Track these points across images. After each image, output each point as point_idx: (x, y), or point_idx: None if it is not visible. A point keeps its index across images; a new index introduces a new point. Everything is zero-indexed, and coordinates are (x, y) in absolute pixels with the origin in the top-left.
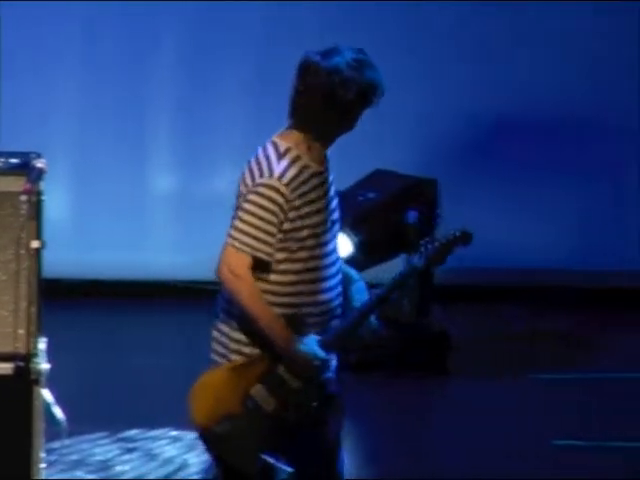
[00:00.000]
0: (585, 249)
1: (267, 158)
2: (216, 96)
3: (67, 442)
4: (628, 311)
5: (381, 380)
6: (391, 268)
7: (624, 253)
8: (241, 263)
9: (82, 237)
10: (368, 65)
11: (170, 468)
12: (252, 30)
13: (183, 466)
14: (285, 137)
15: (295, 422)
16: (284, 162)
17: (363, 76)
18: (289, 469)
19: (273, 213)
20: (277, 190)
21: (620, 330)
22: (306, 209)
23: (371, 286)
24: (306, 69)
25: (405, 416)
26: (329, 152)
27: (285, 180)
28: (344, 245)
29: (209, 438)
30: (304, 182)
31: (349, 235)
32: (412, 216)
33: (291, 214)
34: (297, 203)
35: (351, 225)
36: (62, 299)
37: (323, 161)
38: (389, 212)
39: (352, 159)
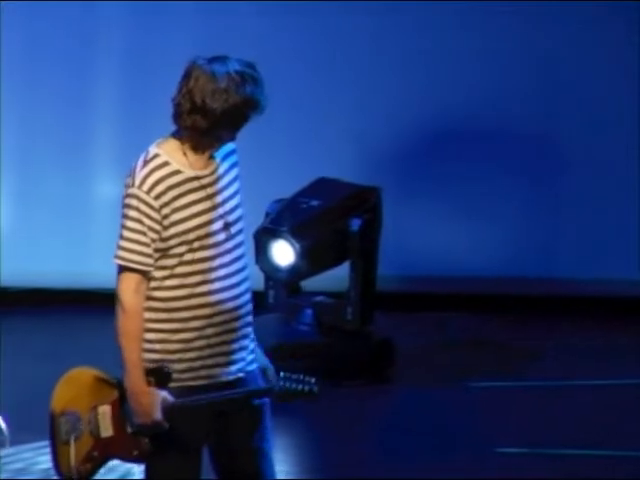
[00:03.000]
0: (528, 257)
1: (135, 167)
2: (158, 101)
3: (10, 450)
4: (571, 318)
5: (322, 388)
6: (333, 276)
7: (567, 260)
8: (127, 283)
9: (25, 246)
10: (251, 80)
11: (114, 476)
12: (196, 36)
13: (126, 474)
14: (162, 143)
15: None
16: (146, 169)
17: (240, 90)
18: None
19: (139, 222)
20: (138, 198)
21: (563, 337)
22: (177, 215)
23: (314, 294)
24: (189, 72)
25: (345, 424)
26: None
27: (145, 187)
28: (285, 253)
29: (50, 425)
30: (171, 187)
31: (291, 243)
32: (355, 224)
33: (164, 222)
34: (166, 211)
35: (294, 232)
36: (5, 307)
37: (206, 165)
38: (332, 220)
39: (295, 167)
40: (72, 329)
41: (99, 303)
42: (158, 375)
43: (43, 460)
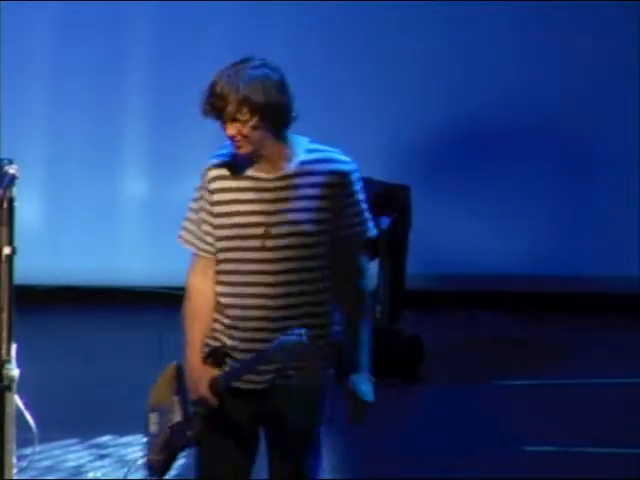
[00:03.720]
0: (555, 254)
1: None
2: (189, 101)
3: (39, 448)
4: (598, 316)
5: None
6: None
7: (596, 258)
8: (190, 263)
9: (54, 243)
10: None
11: (143, 474)
12: (224, 34)
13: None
14: None
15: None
16: (222, 150)
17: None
18: None
19: (195, 200)
20: (201, 177)
21: (591, 335)
22: (219, 208)
23: None
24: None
25: (373, 421)
26: None
27: (207, 169)
28: None
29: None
30: (224, 178)
31: None
32: (384, 222)
33: (214, 208)
34: (215, 198)
35: None
36: (34, 305)
37: (273, 169)
38: None
39: None
40: (101, 326)
41: (128, 300)
42: (215, 356)
43: (72, 458)
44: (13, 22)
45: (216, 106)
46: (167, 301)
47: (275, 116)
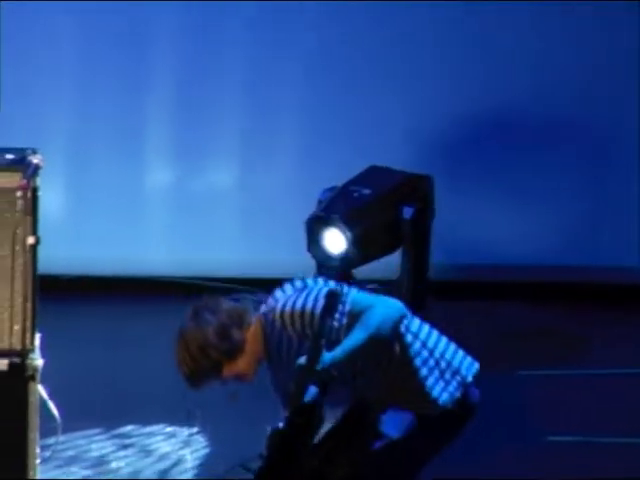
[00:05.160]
0: (580, 244)
1: None
2: (214, 89)
3: (62, 438)
4: (622, 306)
5: None
6: (385, 264)
7: (619, 249)
8: None
9: (77, 233)
10: None
11: (166, 464)
12: (252, 23)
13: (179, 462)
14: None
15: None
16: None
17: None
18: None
19: None
20: None
21: (614, 325)
22: None
23: (365, 282)
24: None
25: None
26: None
27: None
28: (337, 241)
29: None
30: None
31: (343, 231)
32: (407, 212)
33: None
34: None
35: (346, 220)
36: (57, 295)
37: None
38: (384, 208)
39: (347, 155)
40: (124, 316)
41: (151, 290)
42: None
43: (95, 448)
44: (40, 10)
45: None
46: (190, 290)
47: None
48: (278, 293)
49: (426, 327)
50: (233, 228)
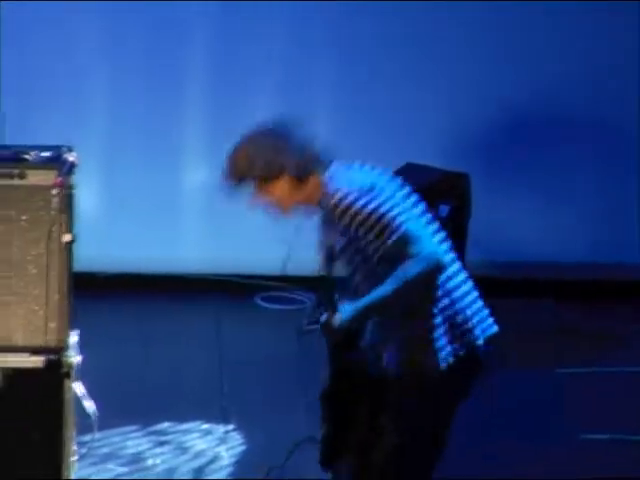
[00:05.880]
0: (614, 242)
1: None
2: (247, 89)
3: (98, 435)
4: None
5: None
6: None
7: None
8: None
9: (113, 231)
10: None
11: (202, 461)
12: (285, 22)
13: (214, 459)
14: None
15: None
16: None
17: None
18: None
19: None
20: None
21: None
22: None
23: None
24: None
25: None
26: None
27: None
28: None
29: None
30: None
31: None
32: (443, 210)
33: None
34: None
35: None
36: (93, 293)
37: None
38: None
39: (383, 153)
40: (159, 314)
41: (186, 288)
42: None
43: (131, 445)
44: (72, 11)
45: (238, 180)
46: (225, 288)
47: (274, 175)
48: (356, 174)
49: (460, 276)
50: (265, 227)
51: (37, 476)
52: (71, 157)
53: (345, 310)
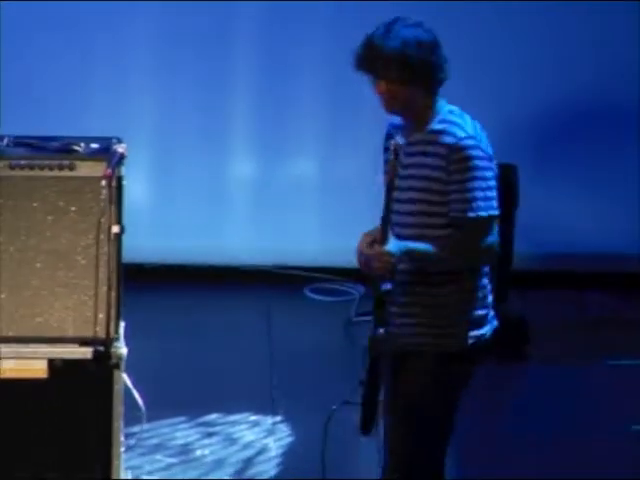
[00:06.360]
0: None
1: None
2: (298, 82)
3: (147, 426)
4: None
5: None
6: None
7: None
8: None
9: (162, 222)
10: None
11: (250, 452)
12: (332, 22)
13: (263, 450)
14: None
15: None
16: None
17: None
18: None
19: None
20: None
21: None
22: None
23: None
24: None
25: (479, 401)
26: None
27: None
28: None
29: None
30: (388, 138)
31: None
32: None
33: None
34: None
35: None
36: (142, 284)
37: (410, 133)
38: None
39: None
40: (208, 304)
41: (235, 278)
42: None
43: (179, 436)
44: (123, 12)
45: (367, 62)
46: (274, 279)
47: (423, 76)
48: (481, 134)
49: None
50: (313, 218)
51: (86, 467)
52: (120, 149)
53: (396, 245)
